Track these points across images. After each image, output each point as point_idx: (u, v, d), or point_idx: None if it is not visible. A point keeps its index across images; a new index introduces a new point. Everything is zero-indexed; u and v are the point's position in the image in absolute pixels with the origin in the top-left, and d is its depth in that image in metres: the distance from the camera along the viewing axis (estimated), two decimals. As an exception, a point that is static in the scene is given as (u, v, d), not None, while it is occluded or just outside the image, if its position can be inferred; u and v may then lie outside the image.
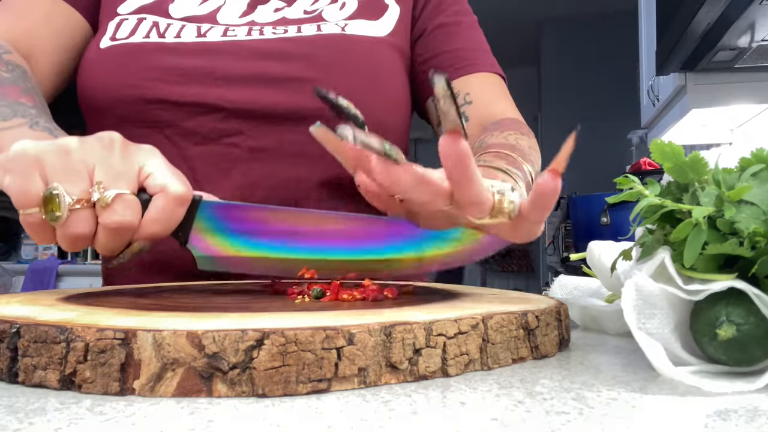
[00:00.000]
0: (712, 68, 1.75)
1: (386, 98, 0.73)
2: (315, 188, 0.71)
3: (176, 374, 0.29)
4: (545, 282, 4.08)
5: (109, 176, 0.44)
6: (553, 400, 0.29)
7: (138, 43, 0.69)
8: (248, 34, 0.71)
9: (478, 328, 0.35)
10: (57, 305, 0.39)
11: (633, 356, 0.40)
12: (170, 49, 0.69)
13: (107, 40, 0.71)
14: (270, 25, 0.73)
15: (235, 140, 0.69)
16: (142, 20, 0.72)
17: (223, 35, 0.71)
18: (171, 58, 0.69)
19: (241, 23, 0.74)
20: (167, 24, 0.72)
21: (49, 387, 0.30)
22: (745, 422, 0.26)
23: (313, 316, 0.34)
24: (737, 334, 0.31)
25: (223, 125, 0.69)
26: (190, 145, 0.69)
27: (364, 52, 0.72)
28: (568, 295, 0.58)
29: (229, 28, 0.72)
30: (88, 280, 2.69)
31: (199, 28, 0.72)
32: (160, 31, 0.71)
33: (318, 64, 0.69)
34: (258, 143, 0.69)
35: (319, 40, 0.71)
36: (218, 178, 0.69)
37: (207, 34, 0.71)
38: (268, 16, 0.75)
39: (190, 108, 0.68)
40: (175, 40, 0.70)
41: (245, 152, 0.69)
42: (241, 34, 0.71)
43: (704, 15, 1.39)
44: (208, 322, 0.32)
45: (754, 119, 1.97)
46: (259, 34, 0.72)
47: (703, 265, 0.33)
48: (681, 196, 0.36)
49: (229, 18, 0.74)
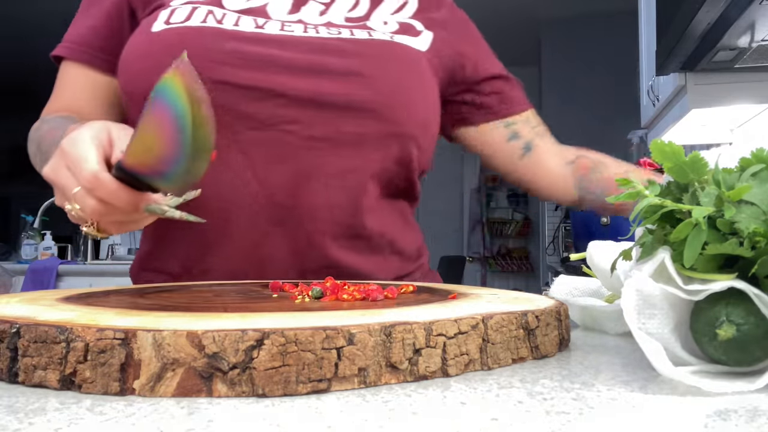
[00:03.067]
0: (712, 68, 1.75)
1: (430, 101, 0.78)
2: (369, 180, 0.73)
3: (176, 374, 0.29)
4: (545, 282, 4.08)
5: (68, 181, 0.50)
6: (553, 400, 0.29)
7: (196, 26, 0.70)
8: (304, 31, 0.73)
9: (478, 328, 0.35)
10: (57, 305, 0.39)
11: (633, 356, 0.40)
12: (229, 34, 0.70)
13: (161, 24, 0.71)
14: (322, 26, 0.76)
15: (292, 128, 0.69)
16: (196, 8, 0.72)
17: (281, 29, 0.72)
18: (231, 43, 0.69)
19: (292, 20, 0.75)
20: (223, 13, 0.73)
21: (49, 387, 0.30)
22: (745, 422, 0.26)
23: (313, 316, 0.34)
24: (737, 334, 0.31)
25: (282, 112, 0.69)
26: (246, 130, 0.69)
27: (412, 59, 0.77)
28: (568, 295, 0.58)
29: (285, 23, 0.74)
30: (88, 280, 2.69)
31: (255, 20, 0.73)
32: (217, 18, 0.71)
33: (373, 62, 0.72)
34: (314, 132, 0.70)
35: (372, 42, 0.75)
36: (272, 165, 0.69)
37: (265, 27, 0.72)
38: (315, 18, 0.77)
39: (250, 92, 0.68)
40: (234, 27, 0.71)
41: (301, 140, 0.69)
42: (297, 30, 0.73)
43: (704, 15, 1.39)
44: (208, 322, 0.32)
45: (754, 119, 1.97)
46: (315, 32, 0.73)
47: (703, 265, 0.33)
48: (681, 196, 0.36)
49: (278, 14, 0.76)
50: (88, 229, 0.51)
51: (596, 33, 4.45)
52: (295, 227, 0.70)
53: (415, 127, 0.75)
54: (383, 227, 0.76)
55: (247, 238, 0.70)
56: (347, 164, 0.71)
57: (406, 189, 0.80)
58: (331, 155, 0.70)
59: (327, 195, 0.70)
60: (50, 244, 3.03)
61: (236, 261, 0.71)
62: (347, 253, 0.73)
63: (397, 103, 0.72)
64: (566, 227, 3.78)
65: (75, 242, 3.32)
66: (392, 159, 0.74)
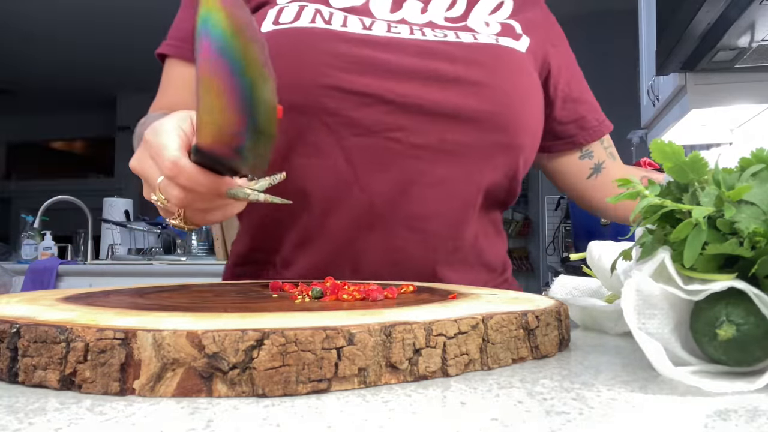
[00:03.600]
0: (712, 68, 1.75)
1: (539, 109, 0.77)
2: (472, 191, 0.72)
3: (176, 374, 0.29)
4: (545, 282, 4.08)
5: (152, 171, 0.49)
6: (553, 400, 0.29)
7: (306, 27, 0.69)
8: (411, 33, 0.72)
9: (478, 328, 0.35)
10: (57, 305, 0.39)
11: (633, 356, 0.40)
12: (339, 36, 0.69)
13: (269, 24, 0.70)
14: (426, 27, 0.74)
15: (397, 135, 0.68)
16: (304, 7, 0.71)
17: (388, 31, 0.71)
18: (342, 45, 0.68)
19: (395, 19, 0.74)
20: (330, 12, 0.71)
21: (49, 387, 0.30)
22: (745, 422, 0.26)
23: (313, 316, 0.34)
24: (737, 334, 0.31)
25: (388, 118, 0.68)
26: (351, 136, 0.68)
27: (520, 64, 0.75)
28: (568, 295, 0.58)
29: (390, 24, 0.73)
30: (88, 280, 2.68)
31: (362, 20, 0.72)
32: (325, 18, 0.70)
33: (482, 68, 0.71)
34: (419, 140, 0.69)
35: (479, 47, 0.73)
36: (377, 171, 0.68)
37: (372, 27, 0.71)
38: (418, 17, 0.76)
39: (358, 97, 0.67)
40: (342, 28, 0.70)
41: (406, 148, 0.68)
42: (404, 32, 0.72)
43: (704, 15, 1.39)
44: (208, 322, 0.32)
45: (754, 119, 1.97)
46: (421, 34, 0.72)
47: (703, 265, 0.33)
48: (681, 196, 0.36)
49: (381, 12, 0.75)
50: (174, 221, 0.50)
51: (596, 33, 4.45)
52: (392, 233, 0.69)
53: (524, 138, 0.73)
54: (476, 238, 0.75)
55: (344, 236, 0.69)
56: (451, 174, 0.70)
57: (505, 199, 0.78)
58: (435, 164, 0.69)
59: (426, 204, 0.69)
60: (50, 244, 3.03)
61: (332, 257, 0.70)
62: (443, 268, 0.72)
63: (509, 113, 0.71)
64: (566, 227, 3.79)
65: (75, 242, 3.32)
66: (498, 170, 0.73)
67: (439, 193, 0.70)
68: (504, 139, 0.71)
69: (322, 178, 0.68)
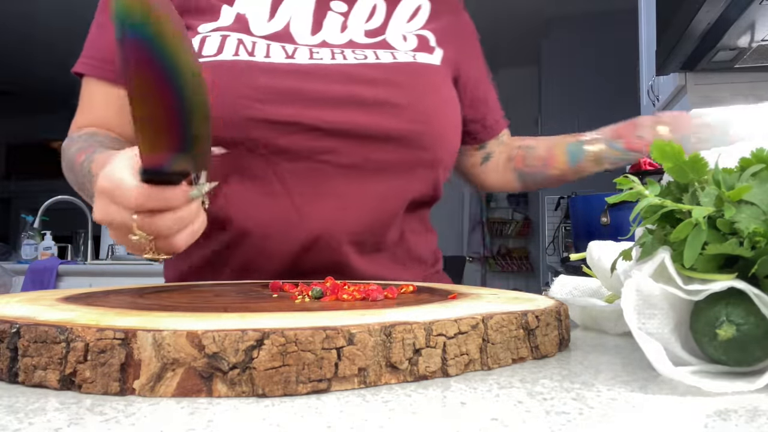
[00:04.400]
0: (712, 68, 1.75)
1: (456, 123, 0.81)
2: (400, 204, 0.76)
3: (176, 374, 0.29)
4: (545, 282, 4.08)
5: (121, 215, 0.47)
6: (553, 400, 0.29)
7: (229, 60, 0.70)
8: (332, 58, 0.74)
9: (478, 328, 0.35)
10: (57, 305, 0.39)
11: (633, 356, 0.40)
12: (263, 68, 0.70)
13: None
14: (346, 48, 0.77)
15: (326, 157, 0.71)
16: (227, 37, 0.72)
17: (310, 58, 0.73)
18: (265, 77, 0.70)
19: (316, 43, 0.77)
20: (253, 42, 0.73)
21: (49, 387, 0.30)
22: (745, 422, 0.26)
23: (313, 316, 0.34)
24: (737, 334, 0.31)
25: (316, 143, 0.71)
26: (283, 162, 0.71)
27: (435, 78, 0.79)
28: (568, 295, 0.58)
29: (312, 49, 0.75)
30: (88, 280, 2.68)
31: (284, 47, 0.74)
32: (248, 49, 0.72)
33: (401, 90, 0.74)
34: (347, 160, 0.72)
35: (397, 67, 0.76)
36: (311, 194, 0.71)
37: (295, 56, 0.73)
38: (337, 37, 0.78)
39: (284, 126, 0.69)
40: (266, 59, 0.71)
41: (336, 168, 0.72)
42: (326, 57, 0.74)
43: (704, 15, 1.39)
44: (208, 322, 0.32)
45: (754, 119, 1.97)
46: (342, 58, 0.74)
47: (703, 265, 0.33)
48: (681, 196, 0.36)
49: (302, 36, 0.77)
50: (147, 255, 0.49)
51: (596, 33, 4.45)
52: (326, 248, 0.72)
53: (444, 152, 0.78)
54: (402, 235, 0.79)
55: (284, 257, 0.72)
56: (379, 190, 0.73)
57: (429, 202, 0.82)
58: (364, 183, 0.72)
59: (357, 219, 0.73)
60: (50, 244, 3.03)
61: (276, 277, 0.72)
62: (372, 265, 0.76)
63: (429, 131, 0.75)
64: (566, 227, 3.79)
65: (75, 242, 3.32)
66: (422, 182, 0.77)
67: (369, 208, 0.73)
68: (425, 155, 0.75)
69: (260, 204, 0.71)
